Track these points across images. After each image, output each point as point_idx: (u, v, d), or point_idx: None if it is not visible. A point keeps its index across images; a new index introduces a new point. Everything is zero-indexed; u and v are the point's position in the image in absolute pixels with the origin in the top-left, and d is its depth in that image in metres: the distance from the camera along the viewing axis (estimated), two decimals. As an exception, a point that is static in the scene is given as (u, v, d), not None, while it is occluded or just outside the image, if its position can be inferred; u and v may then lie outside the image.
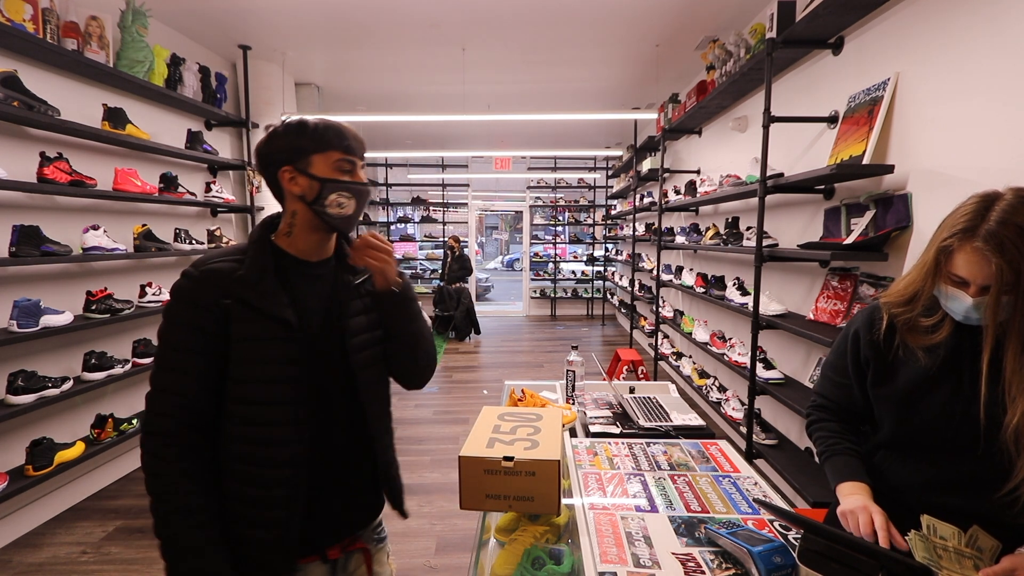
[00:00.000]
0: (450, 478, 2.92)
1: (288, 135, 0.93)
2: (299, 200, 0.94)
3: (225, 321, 0.88)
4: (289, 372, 0.91)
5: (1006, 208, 0.80)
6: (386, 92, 4.92)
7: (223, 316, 0.88)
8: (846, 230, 2.18)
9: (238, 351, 0.89)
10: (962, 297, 0.85)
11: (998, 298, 0.80)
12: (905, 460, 0.97)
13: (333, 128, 0.94)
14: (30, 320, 2.21)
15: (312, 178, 0.92)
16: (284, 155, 0.93)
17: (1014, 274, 0.78)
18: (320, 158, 0.93)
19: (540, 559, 1.08)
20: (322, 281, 1.00)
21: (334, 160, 0.94)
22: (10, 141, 2.31)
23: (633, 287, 5.77)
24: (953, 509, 0.89)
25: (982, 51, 1.59)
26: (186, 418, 0.88)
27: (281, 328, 0.90)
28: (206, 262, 0.91)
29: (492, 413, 1.37)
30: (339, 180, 0.94)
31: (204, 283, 0.88)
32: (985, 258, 0.80)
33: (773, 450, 2.49)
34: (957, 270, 0.85)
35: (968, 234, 0.82)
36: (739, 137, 3.43)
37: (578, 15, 3.22)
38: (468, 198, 8.88)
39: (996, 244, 0.79)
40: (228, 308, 0.88)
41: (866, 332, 1.01)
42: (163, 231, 3.15)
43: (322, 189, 0.92)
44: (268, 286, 0.90)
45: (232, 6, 3.09)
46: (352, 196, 0.96)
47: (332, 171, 0.94)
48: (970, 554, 0.82)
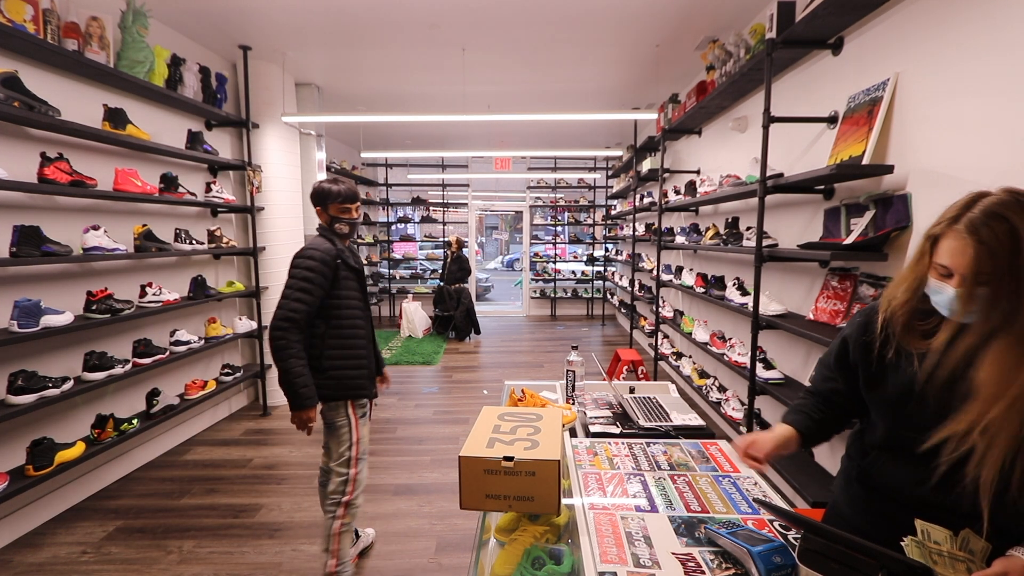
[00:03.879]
0: (450, 478, 2.93)
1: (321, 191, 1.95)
2: (325, 222, 1.99)
3: (336, 269, 1.89)
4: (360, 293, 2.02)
5: (993, 201, 0.82)
6: (386, 92, 4.93)
7: (335, 267, 1.89)
8: (846, 230, 2.18)
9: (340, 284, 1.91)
10: (945, 289, 0.86)
11: (973, 287, 0.81)
12: (896, 460, 0.97)
13: (340, 192, 1.95)
14: (31, 320, 2.21)
15: (328, 214, 1.97)
16: (317, 200, 1.97)
17: (991, 261, 0.79)
18: (333, 206, 1.96)
19: (540, 559, 1.08)
20: (353, 251, 2.05)
21: (338, 207, 1.96)
22: (11, 141, 2.31)
23: (633, 287, 5.77)
24: (945, 506, 0.90)
25: (982, 51, 1.59)
26: (306, 315, 1.81)
27: (356, 271, 2.00)
28: (319, 247, 1.88)
29: (492, 413, 1.37)
30: (340, 218, 1.98)
31: (327, 253, 1.88)
32: (965, 242, 0.82)
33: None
34: (941, 258, 0.86)
35: (953, 221, 0.85)
36: (739, 137, 3.43)
37: (578, 15, 3.22)
38: (468, 198, 8.88)
39: (974, 229, 0.81)
40: (338, 264, 1.90)
41: (858, 336, 1.03)
42: (163, 231, 3.16)
43: (331, 221, 1.98)
44: (348, 254, 1.97)
45: (232, 6, 3.09)
46: (347, 224, 1.99)
47: (339, 212, 1.97)
48: (963, 557, 0.82)
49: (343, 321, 1.91)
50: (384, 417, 3.94)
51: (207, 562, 2.19)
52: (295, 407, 1.81)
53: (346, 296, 1.92)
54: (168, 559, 2.21)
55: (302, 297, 1.79)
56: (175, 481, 2.90)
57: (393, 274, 8.71)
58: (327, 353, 1.89)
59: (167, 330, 3.19)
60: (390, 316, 8.55)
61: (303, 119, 4.25)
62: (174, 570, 2.14)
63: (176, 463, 3.15)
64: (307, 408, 1.83)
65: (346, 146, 7.57)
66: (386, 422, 3.83)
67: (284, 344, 1.77)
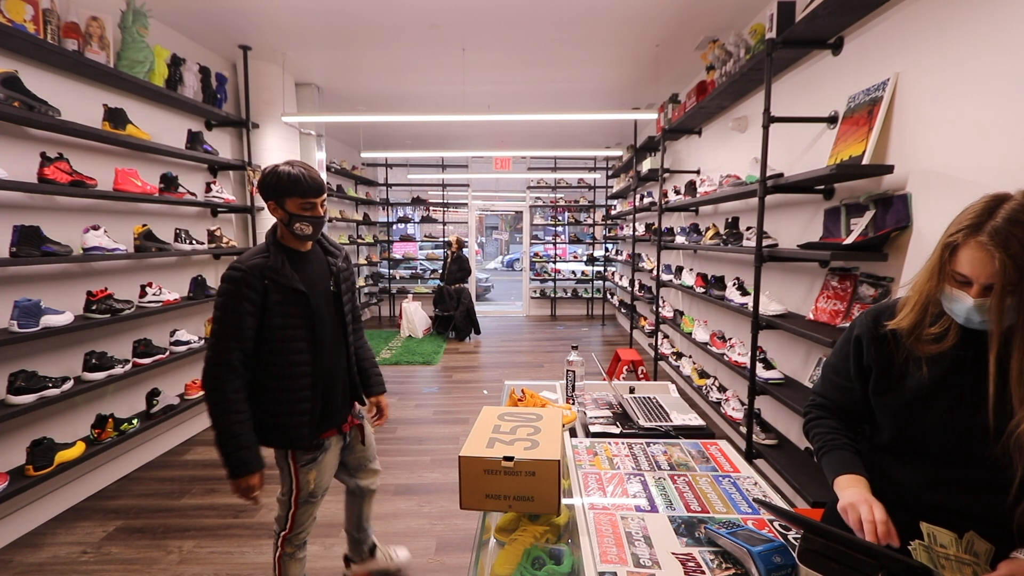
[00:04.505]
0: (450, 478, 2.92)
1: (272, 179, 1.48)
2: (280, 220, 1.53)
3: (265, 293, 1.46)
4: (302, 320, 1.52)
5: (1015, 207, 0.78)
6: (386, 92, 4.92)
7: (264, 290, 1.46)
8: (846, 230, 2.18)
9: (272, 310, 1.47)
10: (963, 298, 0.83)
11: (1003, 298, 0.78)
12: (903, 463, 0.97)
13: (300, 181, 1.48)
14: (31, 320, 2.21)
15: (286, 211, 1.50)
16: (270, 192, 1.49)
17: (1018, 272, 0.76)
18: (290, 200, 1.49)
19: (540, 559, 1.08)
20: (313, 263, 1.61)
21: (299, 203, 1.49)
22: (11, 141, 2.31)
23: (633, 287, 5.77)
24: (950, 508, 0.89)
25: (982, 51, 1.59)
26: (241, 355, 1.44)
27: (297, 295, 1.50)
28: (246, 260, 1.47)
29: (492, 413, 1.37)
30: (301, 215, 1.50)
31: (251, 272, 1.44)
32: (989, 254, 0.78)
33: (773, 450, 2.49)
34: (960, 267, 0.82)
35: (974, 230, 0.80)
36: (739, 137, 3.43)
37: (578, 15, 3.22)
38: (468, 198, 8.88)
39: (1001, 240, 0.77)
40: (267, 286, 1.46)
41: (869, 338, 0.99)
42: (163, 231, 3.16)
43: (290, 219, 1.50)
44: (287, 270, 1.50)
45: (232, 6, 3.09)
46: (310, 224, 1.52)
47: (298, 208, 1.50)
48: (969, 560, 0.82)
49: (275, 358, 1.50)
50: (384, 417, 3.94)
51: (207, 562, 2.19)
52: (231, 474, 1.46)
53: (280, 326, 1.48)
54: (168, 559, 2.21)
55: (224, 332, 1.43)
56: (175, 481, 2.90)
57: (393, 274, 8.71)
58: (258, 396, 1.52)
59: (167, 330, 3.19)
60: (390, 316, 8.55)
61: (303, 119, 4.25)
62: (174, 570, 2.14)
63: (176, 463, 3.14)
64: (244, 476, 1.46)
65: (346, 146, 7.57)
66: (386, 422, 3.83)
67: (216, 398, 1.42)
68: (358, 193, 7.56)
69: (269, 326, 1.47)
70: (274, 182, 1.47)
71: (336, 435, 1.72)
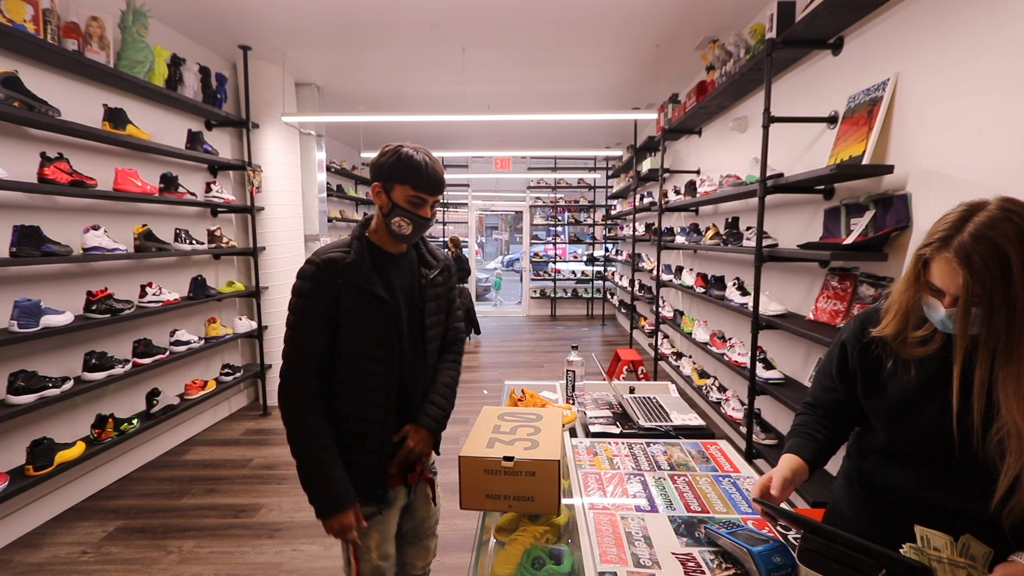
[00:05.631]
0: (450, 478, 2.91)
1: (388, 158, 1.20)
2: (379, 209, 1.25)
3: (338, 295, 1.18)
4: (380, 335, 1.22)
5: (984, 221, 0.79)
6: (386, 92, 4.92)
7: (337, 291, 1.18)
8: (846, 230, 2.18)
9: (343, 317, 1.19)
10: (938, 307, 0.85)
11: (967, 309, 0.80)
12: (898, 465, 0.97)
13: (420, 168, 1.20)
14: (30, 320, 2.21)
15: (390, 199, 1.22)
16: (381, 172, 1.22)
17: (980, 287, 0.78)
18: (400, 187, 1.21)
19: (540, 559, 1.08)
20: (403, 270, 1.31)
21: (409, 193, 1.21)
22: (11, 141, 2.31)
23: (633, 287, 5.77)
24: (946, 509, 0.89)
25: (982, 51, 1.59)
26: (315, 365, 1.19)
27: (376, 302, 1.21)
28: (324, 252, 1.22)
29: (492, 413, 1.38)
30: (405, 208, 1.21)
31: (324, 267, 1.18)
32: (954, 270, 0.80)
33: (773, 450, 2.49)
34: (932, 279, 0.85)
35: (943, 244, 0.82)
36: (739, 137, 3.43)
37: (578, 15, 3.22)
38: (468, 198, 8.88)
39: (964, 257, 0.78)
40: (339, 286, 1.18)
41: (855, 343, 1.01)
42: (163, 231, 3.16)
43: (392, 210, 1.22)
44: (366, 271, 1.20)
45: (232, 6, 3.09)
46: (411, 223, 1.23)
47: (405, 201, 1.21)
48: (964, 564, 0.82)
49: (341, 375, 1.22)
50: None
51: (207, 562, 2.19)
52: (320, 513, 1.18)
53: (349, 339, 1.20)
54: (168, 559, 2.21)
55: (297, 339, 1.19)
56: (175, 481, 2.90)
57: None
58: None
59: (167, 330, 3.19)
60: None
61: (303, 119, 4.25)
62: (174, 570, 2.14)
63: (176, 463, 3.14)
64: (336, 514, 1.17)
65: (346, 146, 7.57)
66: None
67: (292, 416, 1.18)
68: (358, 193, 7.56)
69: (338, 337, 1.21)
70: (391, 162, 1.19)
71: (401, 486, 1.35)
